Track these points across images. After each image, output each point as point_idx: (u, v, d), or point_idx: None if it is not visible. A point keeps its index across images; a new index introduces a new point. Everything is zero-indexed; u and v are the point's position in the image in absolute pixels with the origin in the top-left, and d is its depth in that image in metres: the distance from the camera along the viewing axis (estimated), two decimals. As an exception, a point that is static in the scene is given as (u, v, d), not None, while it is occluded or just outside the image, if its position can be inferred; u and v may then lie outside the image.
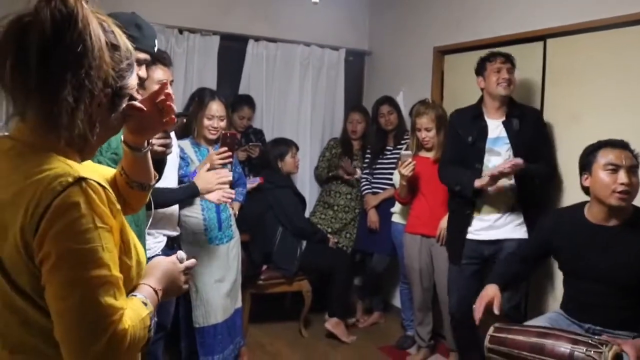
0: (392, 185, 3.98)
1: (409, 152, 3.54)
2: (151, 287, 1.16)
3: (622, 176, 2.26)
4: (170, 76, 2.64)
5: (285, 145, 4.14)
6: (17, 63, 0.98)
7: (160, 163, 2.03)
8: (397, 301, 4.36)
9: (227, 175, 2.74)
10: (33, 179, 0.96)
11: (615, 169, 2.28)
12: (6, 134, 1.07)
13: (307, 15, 4.48)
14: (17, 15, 1.00)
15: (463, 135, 3.13)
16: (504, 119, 3.08)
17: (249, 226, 3.78)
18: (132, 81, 1.13)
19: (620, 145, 2.34)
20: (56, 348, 0.98)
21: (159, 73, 2.55)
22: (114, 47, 1.06)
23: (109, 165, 1.75)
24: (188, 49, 4.25)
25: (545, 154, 3.11)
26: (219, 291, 3.14)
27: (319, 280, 4.13)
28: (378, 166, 4.25)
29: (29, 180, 0.97)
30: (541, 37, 3.34)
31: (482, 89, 3.16)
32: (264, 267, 3.95)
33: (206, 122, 3.12)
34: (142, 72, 2.02)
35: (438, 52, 4.21)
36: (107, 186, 1.03)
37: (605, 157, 2.33)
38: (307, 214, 4.40)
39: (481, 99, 3.19)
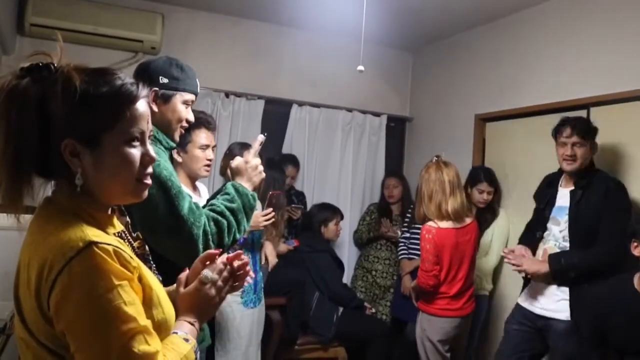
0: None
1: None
2: (188, 322, 1.18)
3: None
4: (213, 140, 2.63)
5: (331, 211, 4.15)
6: None
7: None
8: (435, 373, 4.18)
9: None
10: (48, 242, 0.99)
11: None
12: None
13: (350, 81, 4.58)
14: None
15: (537, 201, 3.11)
16: (572, 187, 2.89)
17: (285, 290, 3.73)
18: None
19: None
20: None
21: (203, 137, 2.56)
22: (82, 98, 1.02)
23: None
24: (233, 112, 4.38)
25: (603, 232, 2.68)
26: (250, 355, 3.08)
27: (356, 348, 4.02)
28: (415, 231, 4.19)
29: (46, 242, 1.00)
30: (584, 105, 3.31)
31: None
32: (300, 332, 3.88)
33: None
34: (190, 115, 1.90)
35: (480, 120, 4.21)
36: (121, 246, 1.04)
37: None
38: (346, 279, 4.33)
39: None
